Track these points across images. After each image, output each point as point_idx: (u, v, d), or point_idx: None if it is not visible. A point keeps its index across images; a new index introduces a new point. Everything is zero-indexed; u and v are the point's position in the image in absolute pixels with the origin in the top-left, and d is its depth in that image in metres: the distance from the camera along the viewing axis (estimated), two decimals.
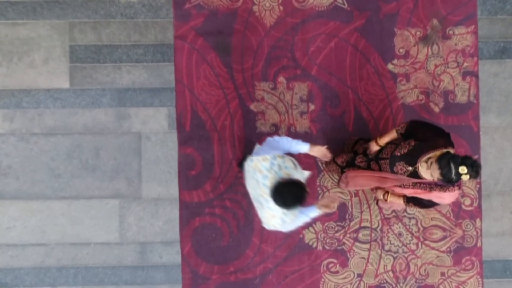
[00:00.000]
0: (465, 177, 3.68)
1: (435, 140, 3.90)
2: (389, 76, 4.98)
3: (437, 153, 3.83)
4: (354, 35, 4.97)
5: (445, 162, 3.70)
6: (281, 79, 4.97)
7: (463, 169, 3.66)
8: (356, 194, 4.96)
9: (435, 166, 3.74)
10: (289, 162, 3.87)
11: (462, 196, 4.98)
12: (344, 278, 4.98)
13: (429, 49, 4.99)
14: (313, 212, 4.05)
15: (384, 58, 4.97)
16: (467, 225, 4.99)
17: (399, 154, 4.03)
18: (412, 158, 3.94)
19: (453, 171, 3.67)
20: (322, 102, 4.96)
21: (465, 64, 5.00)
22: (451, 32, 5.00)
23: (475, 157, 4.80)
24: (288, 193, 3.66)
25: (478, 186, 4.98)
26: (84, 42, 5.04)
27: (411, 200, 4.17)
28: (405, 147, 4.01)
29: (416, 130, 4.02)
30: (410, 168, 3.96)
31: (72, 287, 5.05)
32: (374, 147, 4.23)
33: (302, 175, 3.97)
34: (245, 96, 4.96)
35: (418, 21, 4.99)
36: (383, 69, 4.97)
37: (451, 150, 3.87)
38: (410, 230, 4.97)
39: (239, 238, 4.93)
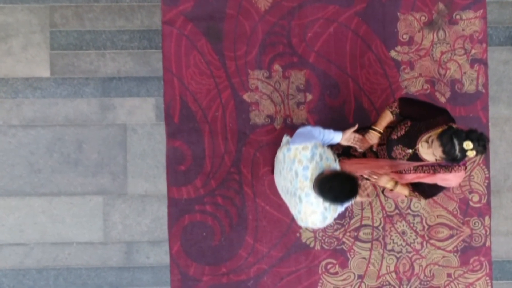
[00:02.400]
0: (471, 153, 3.46)
1: (434, 118, 3.72)
2: (392, 64, 4.89)
3: (438, 130, 3.65)
4: (355, 20, 4.89)
5: (447, 138, 3.49)
6: (276, 67, 4.88)
7: (468, 145, 3.45)
8: None
9: (436, 144, 3.53)
10: (329, 153, 3.72)
11: (470, 192, 4.89)
12: (344, 279, 4.88)
13: (435, 35, 4.90)
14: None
15: (386, 44, 4.89)
16: (475, 223, 4.88)
17: (395, 137, 3.87)
18: (410, 140, 3.77)
19: (457, 147, 3.46)
20: (321, 92, 4.87)
21: (473, 51, 4.90)
22: (458, 16, 4.91)
23: None
24: (340, 188, 3.46)
25: (487, 181, 4.88)
26: (65, 27, 5.02)
27: (416, 190, 3.99)
28: (402, 128, 3.85)
29: (410, 108, 3.86)
30: (410, 151, 3.78)
31: None
32: (375, 138, 4.03)
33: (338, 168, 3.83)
34: (238, 86, 4.87)
35: (423, 5, 4.90)
36: (386, 57, 4.89)
37: (453, 126, 3.69)
38: (415, 228, 4.88)
39: (231, 237, 4.85)
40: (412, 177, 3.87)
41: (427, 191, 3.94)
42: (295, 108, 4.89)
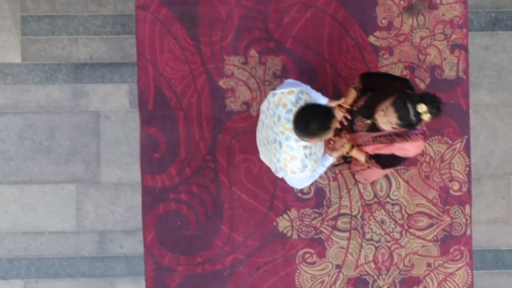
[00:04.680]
0: (425, 116, 3.46)
1: (392, 85, 3.72)
2: (370, 49, 4.87)
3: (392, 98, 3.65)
4: (333, 5, 4.86)
5: (400, 103, 3.48)
6: (252, 52, 4.86)
7: (421, 107, 3.44)
8: (335, 179, 4.83)
9: (391, 110, 3.52)
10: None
11: (450, 180, 4.85)
12: (322, 269, 4.85)
13: (414, 20, 4.87)
14: (327, 160, 3.91)
15: (365, 29, 4.87)
16: (455, 212, 4.86)
17: (356, 108, 3.87)
18: (369, 109, 3.76)
19: (411, 112, 3.47)
20: (298, 78, 4.84)
21: (454, 36, 4.88)
22: (438, 1, 4.89)
23: None
24: (313, 116, 3.45)
25: (467, 169, 4.87)
26: (37, 12, 4.97)
27: (373, 157, 3.97)
28: (362, 99, 3.85)
29: (371, 81, 3.87)
30: (369, 121, 3.78)
31: (24, 280, 4.98)
32: (338, 115, 4.00)
33: None
34: (214, 72, 4.85)
35: None
36: (364, 42, 4.87)
37: (408, 92, 3.68)
38: (393, 217, 4.84)
39: (207, 226, 4.84)
40: (372, 149, 3.86)
41: (385, 161, 3.91)
42: None
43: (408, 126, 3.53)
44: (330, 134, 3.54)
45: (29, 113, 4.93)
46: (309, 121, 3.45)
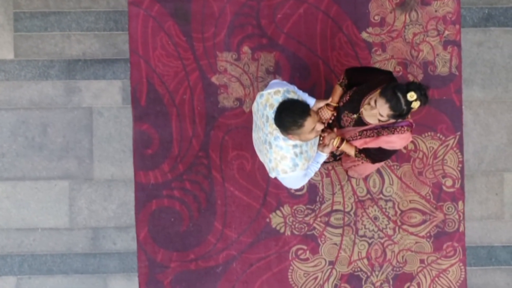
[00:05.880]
0: (415, 104, 3.48)
1: (375, 78, 3.72)
2: (363, 45, 4.85)
3: (379, 91, 3.63)
4: (325, 1, 4.85)
5: (391, 93, 3.48)
6: (245, 49, 4.84)
7: (411, 96, 3.46)
8: (328, 175, 4.81)
9: (381, 101, 3.51)
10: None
11: (443, 177, 4.84)
12: (315, 266, 4.84)
13: (407, 16, 4.86)
14: (320, 157, 3.92)
15: (358, 26, 4.85)
16: (448, 208, 4.84)
17: (342, 103, 3.87)
18: (355, 104, 3.76)
19: (402, 100, 3.47)
20: (291, 74, 4.84)
21: (446, 32, 4.86)
22: None
23: None
24: (285, 110, 3.48)
25: (460, 165, 4.85)
26: (29, 8, 4.94)
27: (363, 152, 3.97)
28: (347, 94, 3.84)
29: (355, 76, 3.88)
30: (355, 116, 3.78)
31: (17, 277, 4.95)
32: (327, 114, 4.00)
33: None
34: (206, 68, 4.83)
35: None
36: (357, 38, 4.85)
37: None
38: (387, 213, 4.83)
39: (200, 222, 4.82)
40: (360, 143, 3.86)
41: (373, 155, 3.91)
42: None
43: (398, 117, 3.53)
44: (308, 133, 3.52)
45: (21, 110, 4.91)
46: (282, 115, 3.48)
